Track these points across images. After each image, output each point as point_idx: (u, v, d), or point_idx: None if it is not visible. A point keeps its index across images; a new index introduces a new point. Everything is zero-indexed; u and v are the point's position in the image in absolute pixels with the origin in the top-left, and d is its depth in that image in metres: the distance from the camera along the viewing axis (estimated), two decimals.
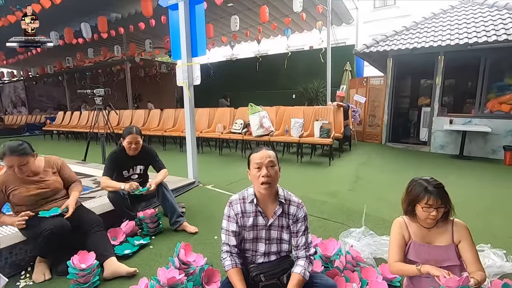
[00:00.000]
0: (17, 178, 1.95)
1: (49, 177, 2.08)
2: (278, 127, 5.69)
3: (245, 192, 1.54)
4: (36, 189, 1.99)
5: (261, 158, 1.44)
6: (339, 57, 8.78)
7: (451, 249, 1.41)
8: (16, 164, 1.88)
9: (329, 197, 3.24)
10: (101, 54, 10.80)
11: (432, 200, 1.36)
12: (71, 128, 9.04)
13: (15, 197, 1.94)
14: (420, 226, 1.46)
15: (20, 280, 1.89)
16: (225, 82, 12.01)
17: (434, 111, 6.31)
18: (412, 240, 1.47)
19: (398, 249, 1.49)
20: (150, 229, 2.44)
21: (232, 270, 1.43)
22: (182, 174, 3.74)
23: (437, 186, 1.38)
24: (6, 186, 1.93)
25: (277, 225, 1.51)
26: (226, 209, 1.53)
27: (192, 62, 3.45)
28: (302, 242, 1.49)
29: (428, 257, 1.42)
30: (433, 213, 1.37)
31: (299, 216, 1.50)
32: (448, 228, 1.44)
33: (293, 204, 1.52)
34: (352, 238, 2.21)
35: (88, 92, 5.00)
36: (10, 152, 1.87)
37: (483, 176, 4.43)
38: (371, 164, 5.09)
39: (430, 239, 1.46)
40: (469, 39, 5.54)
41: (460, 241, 1.41)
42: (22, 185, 1.96)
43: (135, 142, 2.52)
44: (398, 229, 1.51)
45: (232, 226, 1.49)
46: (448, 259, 1.40)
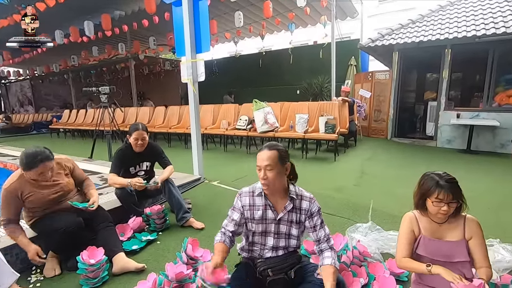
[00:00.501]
0: (32, 184, 1.89)
1: (62, 179, 2.05)
2: (282, 123, 5.67)
3: (255, 185, 1.56)
4: (52, 194, 1.97)
5: (260, 161, 1.45)
6: (343, 52, 8.69)
7: (461, 245, 1.39)
8: (48, 169, 1.84)
9: (335, 193, 3.23)
10: (105, 52, 10.80)
11: (442, 195, 1.33)
12: (77, 126, 9.13)
13: (30, 203, 1.91)
14: (431, 221, 1.43)
15: (31, 275, 1.92)
16: (229, 78, 11.99)
17: (441, 105, 6.23)
18: (422, 235, 1.45)
19: (407, 244, 1.47)
20: (157, 225, 2.47)
21: (219, 243, 1.48)
22: (188, 170, 3.75)
23: (449, 180, 1.35)
24: (22, 192, 1.87)
25: (286, 219, 1.51)
26: (235, 200, 1.57)
27: (196, 59, 3.45)
28: (322, 235, 1.51)
29: (438, 252, 1.41)
30: (444, 208, 1.34)
31: (313, 211, 1.51)
32: (459, 223, 1.41)
33: (305, 199, 1.53)
34: (359, 233, 2.21)
35: (93, 89, 5.03)
36: (46, 159, 1.81)
37: (492, 170, 4.38)
38: (377, 159, 5.06)
39: (440, 234, 1.43)
40: (477, 31, 5.44)
41: (472, 238, 1.39)
42: (37, 191, 1.91)
43: (141, 138, 2.54)
44: (408, 224, 1.49)
45: (235, 215, 1.53)
46: (458, 255, 1.38)
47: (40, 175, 1.84)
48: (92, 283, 1.75)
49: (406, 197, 3.06)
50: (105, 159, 4.93)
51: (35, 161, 1.77)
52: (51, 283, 1.84)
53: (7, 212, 1.85)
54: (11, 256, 1.93)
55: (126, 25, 7.96)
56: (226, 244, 1.49)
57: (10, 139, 9.77)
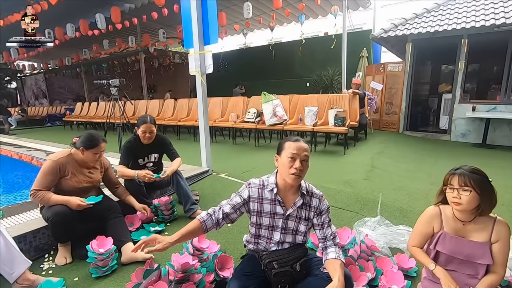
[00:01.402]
0: (74, 165, 2.08)
1: (97, 174, 2.21)
2: (291, 115, 5.62)
3: (266, 179, 1.52)
4: (84, 183, 2.11)
5: (298, 149, 1.40)
6: (355, 43, 8.48)
7: (485, 247, 1.31)
8: (103, 150, 2.12)
9: (343, 186, 3.19)
10: (116, 45, 10.92)
11: (454, 180, 1.28)
12: (89, 119, 9.30)
13: (62, 183, 2.03)
14: (456, 219, 1.37)
15: (44, 263, 1.98)
16: (238, 71, 11.92)
17: (456, 98, 6.03)
18: (444, 231, 1.38)
19: (420, 236, 1.45)
20: (165, 216, 2.50)
21: (194, 221, 1.44)
22: (196, 163, 3.77)
23: (468, 169, 1.28)
24: (64, 168, 2.02)
25: (295, 216, 1.49)
26: (242, 187, 1.53)
27: (204, 51, 3.43)
28: (329, 233, 1.49)
29: (459, 250, 1.35)
30: (454, 194, 1.28)
31: (322, 209, 1.50)
32: (488, 225, 1.33)
33: (315, 197, 1.51)
34: (367, 227, 2.17)
35: (103, 82, 5.08)
36: (103, 140, 2.11)
37: (508, 165, 4.23)
38: (388, 153, 4.96)
39: (465, 233, 1.36)
40: (496, 20, 5.21)
41: (498, 241, 1.31)
42: (75, 175, 2.07)
43: (149, 131, 2.56)
44: (428, 218, 1.43)
45: (237, 199, 1.49)
46: (482, 256, 1.32)
47: (94, 155, 2.07)
48: (102, 271, 1.79)
49: (417, 191, 3.03)
50: (115, 151, 5.00)
51: (98, 140, 2.07)
52: (62, 271, 1.89)
53: (41, 183, 1.94)
54: (25, 243, 2.00)
55: (136, 18, 7.98)
56: (202, 223, 1.44)
57: (25, 131, 10.06)
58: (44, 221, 2.08)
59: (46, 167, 1.97)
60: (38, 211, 2.21)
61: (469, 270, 1.36)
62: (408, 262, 1.79)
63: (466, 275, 1.37)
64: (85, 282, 1.77)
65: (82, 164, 2.11)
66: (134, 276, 1.45)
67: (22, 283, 1.63)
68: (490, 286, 1.29)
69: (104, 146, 2.11)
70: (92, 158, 2.08)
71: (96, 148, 2.06)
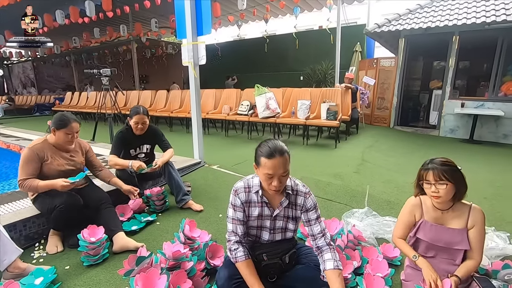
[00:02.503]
0: (52, 149, 2.08)
1: (78, 157, 2.21)
2: (284, 108, 5.64)
3: (250, 180, 1.48)
4: (66, 165, 2.11)
5: (274, 170, 1.30)
6: (349, 38, 8.49)
7: (463, 233, 1.39)
8: (75, 131, 2.08)
9: (334, 179, 3.25)
10: (107, 34, 10.67)
11: (430, 176, 1.34)
12: (79, 109, 9.14)
13: (44, 168, 2.02)
14: (435, 208, 1.44)
15: (34, 251, 1.98)
16: (232, 63, 11.83)
17: (446, 94, 6.14)
18: (424, 219, 1.46)
19: (404, 226, 1.52)
20: (157, 206, 2.51)
21: (246, 262, 1.39)
22: (189, 154, 3.78)
23: (440, 163, 1.34)
24: (43, 154, 2.02)
25: (282, 215, 1.48)
26: (232, 198, 1.47)
27: (197, 41, 3.40)
28: (318, 230, 1.47)
29: (438, 238, 1.42)
30: (432, 189, 1.35)
31: (308, 206, 1.47)
32: (464, 212, 1.41)
33: (300, 194, 1.47)
34: (355, 218, 2.23)
35: (94, 71, 5.00)
36: (74, 120, 2.09)
37: (492, 160, 4.36)
38: (378, 147, 5.04)
39: (443, 221, 1.44)
40: (486, 18, 5.28)
41: (473, 227, 1.39)
42: (56, 158, 2.07)
43: (141, 122, 2.55)
44: (410, 208, 1.51)
45: (239, 215, 1.45)
46: (459, 242, 1.39)
47: (67, 135, 2.05)
48: (93, 260, 1.81)
49: (405, 184, 3.11)
50: (106, 142, 4.96)
51: (69, 120, 2.06)
52: (53, 259, 1.90)
53: (25, 171, 1.94)
54: (15, 232, 1.99)
55: (128, 6, 7.81)
56: (251, 258, 1.41)
57: (13, 121, 9.84)
58: (35, 211, 2.09)
59: (24, 156, 1.98)
60: (28, 200, 2.21)
61: (448, 256, 1.44)
62: (393, 252, 1.86)
63: (445, 260, 1.45)
64: (76, 270, 1.79)
65: (59, 148, 2.11)
66: (127, 263, 1.47)
67: (13, 271, 1.64)
68: (467, 272, 1.37)
69: (76, 126, 2.08)
70: (65, 138, 2.06)
71: (67, 128, 2.04)
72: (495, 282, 1.57)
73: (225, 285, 1.38)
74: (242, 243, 1.44)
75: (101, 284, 1.66)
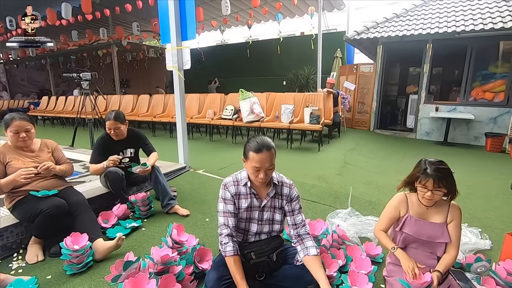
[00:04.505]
0: (14, 151, 2.05)
1: (44, 156, 2.16)
2: (268, 113, 5.71)
3: (238, 175, 1.56)
4: (32, 163, 2.05)
5: (261, 163, 1.40)
6: (330, 44, 8.76)
7: (443, 227, 1.50)
8: (22, 129, 2.02)
9: (317, 181, 3.32)
10: (86, 37, 10.39)
11: (427, 182, 1.42)
12: (57, 114, 8.81)
13: (10, 169, 1.96)
14: (420, 204, 1.53)
15: (13, 262, 1.90)
16: (215, 67, 11.84)
17: (421, 99, 6.45)
18: (409, 215, 1.55)
19: (387, 220, 1.61)
20: (142, 212, 2.48)
21: (234, 257, 1.42)
22: (173, 159, 3.75)
23: (438, 170, 1.41)
24: (4, 157, 1.99)
25: (270, 206, 1.56)
26: (221, 192, 1.53)
27: (182, 46, 3.40)
28: (299, 219, 1.57)
29: (422, 232, 1.52)
30: (428, 194, 1.43)
31: (293, 196, 1.57)
32: (445, 208, 1.52)
33: (285, 185, 1.58)
34: (339, 218, 2.31)
35: (74, 75, 4.85)
36: (19, 117, 2.03)
37: (464, 161, 4.61)
38: (359, 150, 5.21)
39: (426, 216, 1.54)
40: (456, 27, 5.62)
41: (451, 221, 1.50)
42: (19, 158, 2.04)
43: (114, 128, 2.51)
44: (396, 203, 1.59)
45: (229, 207, 1.50)
46: (440, 236, 1.50)
47: (15, 135, 2.01)
48: (77, 269, 1.75)
49: (385, 185, 3.23)
50: (87, 147, 4.82)
51: (10, 118, 2.02)
52: (34, 269, 1.83)
53: None
54: None
55: (108, 9, 7.66)
56: (239, 254, 1.44)
57: None
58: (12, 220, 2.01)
59: None
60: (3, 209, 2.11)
61: (430, 250, 1.54)
62: (375, 250, 1.94)
63: (427, 254, 1.54)
64: (59, 279, 1.73)
65: (21, 149, 2.07)
66: (114, 268, 1.45)
67: None
68: (447, 266, 1.46)
69: (21, 124, 2.01)
70: (14, 137, 2.01)
71: (11, 126, 1.99)
72: (468, 274, 1.68)
73: (215, 286, 1.39)
74: (233, 237, 1.48)
75: None
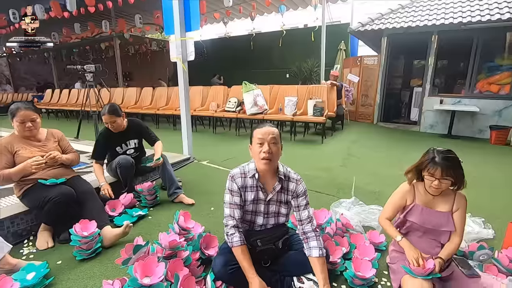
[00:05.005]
0: (22, 141, 2.08)
1: (51, 145, 2.20)
2: (272, 105, 5.71)
3: (246, 166, 1.54)
4: (39, 152, 2.09)
5: (263, 134, 1.44)
6: (333, 36, 8.67)
7: (449, 216, 1.52)
8: (28, 118, 2.05)
9: (321, 172, 3.35)
10: (88, 30, 10.36)
11: (435, 171, 1.42)
12: (61, 107, 8.86)
13: (18, 158, 2.01)
14: (427, 192, 1.54)
15: (24, 248, 1.95)
16: (218, 60, 11.79)
17: (426, 92, 6.40)
18: (416, 203, 1.57)
19: (393, 209, 1.63)
20: (148, 201, 2.52)
21: (242, 247, 1.42)
22: (177, 152, 3.77)
23: (446, 158, 1.42)
24: (12, 146, 2.03)
25: (275, 200, 1.55)
26: (228, 183, 1.52)
27: (186, 37, 3.40)
28: (305, 216, 1.54)
29: (427, 220, 1.53)
30: (435, 182, 1.44)
31: (299, 192, 1.54)
32: (451, 197, 1.53)
33: (292, 181, 1.55)
34: (343, 207, 2.33)
35: (78, 68, 4.87)
36: (24, 107, 2.05)
37: (468, 154, 4.59)
38: (363, 142, 5.21)
39: (432, 205, 1.55)
40: (463, 18, 5.54)
41: (457, 210, 1.52)
42: (26, 147, 2.08)
43: (110, 121, 2.51)
44: (403, 193, 1.61)
45: (236, 199, 1.50)
46: (445, 225, 1.51)
47: (22, 124, 2.04)
48: (86, 254, 1.80)
49: (389, 176, 3.25)
50: (92, 139, 4.85)
51: (15, 108, 2.04)
52: (44, 255, 1.87)
53: None
54: (2, 229, 1.95)
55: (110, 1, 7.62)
56: (246, 244, 1.45)
57: None
58: (22, 207, 2.06)
59: None
60: (14, 197, 2.16)
61: (434, 237, 1.56)
62: (379, 238, 1.97)
63: (431, 241, 1.56)
64: (69, 264, 1.78)
65: (28, 138, 2.11)
66: (124, 251, 1.49)
67: (3, 267, 1.61)
68: (449, 253, 1.49)
69: (26, 114, 2.04)
70: (21, 127, 2.04)
71: (17, 116, 2.02)
72: (471, 262, 1.70)
73: (221, 271, 1.43)
74: (238, 228, 1.48)
75: (95, 277, 1.66)
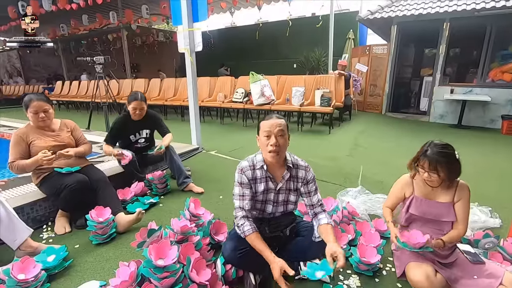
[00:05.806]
0: (36, 131, 2.15)
1: (64, 135, 2.28)
2: (279, 96, 5.71)
3: (254, 158, 1.55)
4: (53, 142, 2.18)
5: (270, 127, 1.43)
6: (342, 25, 8.52)
7: (450, 206, 1.53)
8: (41, 109, 2.11)
9: (328, 162, 3.37)
10: (96, 21, 10.41)
11: (424, 163, 1.45)
12: (71, 98, 9.01)
13: (34, 148, 2.09)
14: (426, 185, 1.56)
15: (43, 233, 2.06)
16: (225, 51, 11.74)
17: (436, 81, 6.29)
18: (415, 195, 1.59)
19: (394, 199, 1.69)
20: (159, 189, 2.60)
21: (254, 234, 1.43)
22: (186, 142, 3.84)
23: (439, 153, 1.42)
24: (28, 136, 2.11)
25: (285, 188, 1.57)
26: (237, 176, 1.53)
27: (193, 28, 3.41)
28: (316, 200, 1.58)
29: (428, 211, 1.56)
30: (425, 175, 1.47)
31: (309, 178, 1.57)
32: (452, 187, 1.54)
33: (301, 168, 1.57)
34: (349, 196, 2.36)
35: (87, 59, 4.95)
36: (36, 98, 2.12)
37: (479, 144, 4.55)
38: (370, 132, 5.19)
39: (433, 196, 1.57)
40: (476, 5, 5.38)
41: (459, 200, 1.52)
42: (41, 137, 2.15)
43: (139, 108, 2.60)
44: (401, 185, 1.65)
45: (246, 191, 1.51)
46: (446, 215, 1.53)
47: (35, 115, 2.11)
48: (102, 239, 1.89)
49: (395, 166, 3.26)
50: (102, 130, 4.96)
51: (28, 100, 2.12)
52: (62, 239, 1.98)
53: (13, 154, 2.04)
54: (23, 215, 2.05)
55: None
56: (255, 231, 1.46)
57: (2, 111, 9.63)
58: (41, 194, 2.15)
59: (12, 140, 2.10)
60: (32, 185, 2.26)
61: (436, 227, 1.58)
62: (384, 225, 2.00)
63: (433, 230, 1.58)
64: (86, 248, 1.87)
65: (42, 129, 2.18)
66: (139, 235, 1.57)
67: (25, 250, 1.71)
68: (450, 239, 1.51)
69: (39, 104, 2.10)
70: (34, 118, 2.11)
71: (31, 107, 2.09)
72: (476, 250, 1.73)
73: (231, 255, 1.49)
74: (248, 217, 1.49)
75: (111, 260, 1.75)
